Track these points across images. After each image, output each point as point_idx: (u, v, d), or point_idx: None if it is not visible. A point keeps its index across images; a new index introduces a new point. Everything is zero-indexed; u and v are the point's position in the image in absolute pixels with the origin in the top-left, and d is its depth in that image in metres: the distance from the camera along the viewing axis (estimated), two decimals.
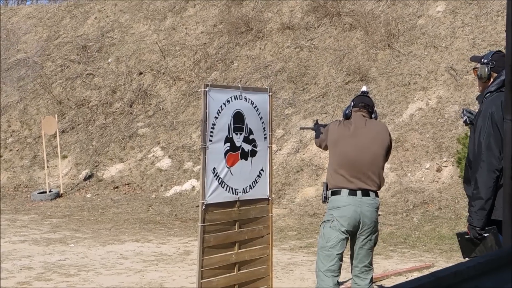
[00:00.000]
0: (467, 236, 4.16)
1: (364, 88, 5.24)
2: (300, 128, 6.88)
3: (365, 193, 4.78)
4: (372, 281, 4.99)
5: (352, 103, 5.06)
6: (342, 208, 4.76)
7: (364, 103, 5.03)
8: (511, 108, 2.11)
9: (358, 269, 4.90)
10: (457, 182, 10.67)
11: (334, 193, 4.83)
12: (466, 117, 4.39)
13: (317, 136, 5.34)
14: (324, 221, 4.89)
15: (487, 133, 4.04)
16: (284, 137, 13.36)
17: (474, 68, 4.52)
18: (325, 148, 5.15)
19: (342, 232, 4.76)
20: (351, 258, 4.96)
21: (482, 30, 13.45)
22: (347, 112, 5.05)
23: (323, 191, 4.97)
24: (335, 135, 4.93)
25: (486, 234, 4.06)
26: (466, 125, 4.48)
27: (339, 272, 4.85)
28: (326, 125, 5.44)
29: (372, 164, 4.82)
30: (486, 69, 4.29)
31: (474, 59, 4.55)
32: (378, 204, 4.87)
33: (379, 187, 4.89)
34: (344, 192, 4.77)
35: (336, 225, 4.76)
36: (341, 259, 4.84)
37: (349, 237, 4.86)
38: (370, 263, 4.95)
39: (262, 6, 16.98)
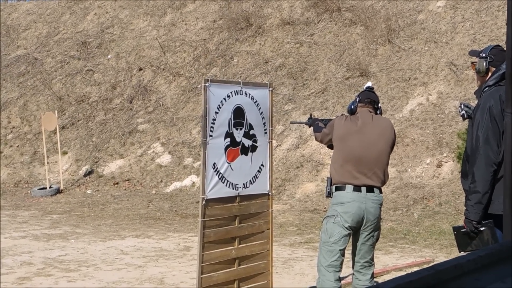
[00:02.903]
0: (463, 230, 4.15)
1: (369, 84, 5.19)
2: (291, 123, 6.76)
3: (370, 189, 4.77)
4: (373, 276, 5.00)
5: (357, 98, 5.03)
6: (346, 204, 4.74)
7: (370, 99, 5.00)
8: (511, 101, 2.10)
9: (360, 265, 4.91)
10: (457, 177, 10.66)
11: (338, 189, 4.81)
12: (463, 111, 4.39)
13: (317, 130, 5.23)
14: (327, 216, 4.87)
15: (486, 127, 4.04)
16: (284, 132, 13.35)
17: (472, 63, 4.51)
18: (327, 143, 5.08)
19: (346, 228, 4.76)
20: (353, 253, 4.95)
21: (483, 25, 13.43)
22: (352, 107, 5.02)
23: (327, 186, 4.92)
24: (341, 130, 4.88)
25: (482, 228, 4.05)
26: (463, 119, 4.48)
27: (341, 268, 4.85)
28: (323, 119, 5.40)
29: (378, 161, 4.82)
30: (484, 63, 4.28)
31: (473, 53, 4.55)
32: (382, 201, 4.87)
33: (384, 183, 4.89)
34: (349, 187, 4.75)
35: (339, 220, 4.75)
36: (343, 255, 4.84)
37: (352, 233, 4.85)
38: (372, 259, 4.96)
39: (262, 2, 16.95)
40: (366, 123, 4.88)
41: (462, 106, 4.44)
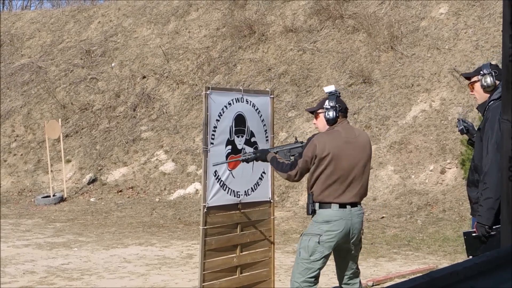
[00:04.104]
0: (474, 234, 4.29)
1: (333, 87, 4.77)
2: (214, 165, 5.30)
3: (353, 204, 4.65)
4: (360, 283, 4.94)
5: (337, 106, 4.64)
6: (333, 223, 4.57)
7: (347, 107, 4.81)
8: (509, 108, 2.10)
9: (347, 277, 4.80)
10: (461, 184, 10.63)
11: (323, 206, 4.60)
12: (462, 126, 4.66)
13: (286, 169, 4.66)
14: (310, 234, 4.63)
15: (496, 137, 4.23)
16: (287, 139, 13.34)
17: (471, 83, 4.62)
18: (306, 172, 4.67)
19: (331, 247, 4.61)
20: (339, 269, 4.84)
21: (485, 31, 13.42)
22: (335, 116, 4.64)
23: (309, 202, 4.64)
24: (327, 149, 4.56)
25: (493, 233, 4.21)
26: (462, 134, 4.76)
27: (315, 284, 4.72)
28: (278, 147, 5.01)
29: (363, 177, 4.68)
30: (491, 79, 4.46)
31: (468, 75, 4.76)
32: (363, 213, 4.78)
33: (364, 197, 4.81)
34: (335, 206, 4.58)
35: (324, 239, 4.57)
36: (319, 274, 4.70)
37: (336, 249, 4.72)
38: (357, 267, 4.88)
39: (265, 9, 16.98)
40: (350, 139, 4.65)
41: (460, 121, 4.70)
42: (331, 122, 4.66)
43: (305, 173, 4.67)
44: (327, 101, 4.70)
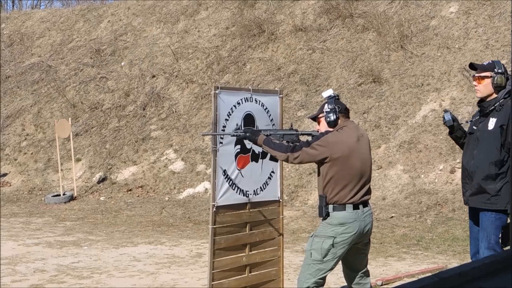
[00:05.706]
0: None
1: (331, 91, 4.80)
2: (203, 134, 5.44)
3: (365, 203, 4.70)
4: (370, 283, 4.95)
5: (336, 108, 4.67)
6: (347, 225, 4.59)
7: (347, 108, 4.83)
8: None
9: (359, 277, 4.84)
10: None
11: (337, 209, 4.61)
12: (450, 118, 4.99)
13: (280, 147, 4.68)
14: (322, 236, 4.64)
15: None
16: None
17: (480, 76, 4.72)
18: (308, 162, 4.76)
19: (344, 249, 4.63)
20: (349, 269, 4.85)
21: (496, 30, 13.36)
22: (335, 118, 4.67)
23: (322, 205, 4.64)
24: (345, 149, 4.59)
25: None
26: (448, 125, 5.11)
27: (323, 284, 4.74)
28: (263, 130, 5.00)
29: (370, 175, 4.76)
30: (503, 78, 4.67)
31: (480, 66, 4.88)
32: (372, 211, 4.84)
33: None
34: (349, 207, 4.59)
35: (338, 241, 4.59)
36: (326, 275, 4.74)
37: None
38: (366, 266, 4.91)
39: (274, 8, 16.98)
40: (360, 138, 4.69)
41: (449, 113, 5.05)
42: (332, 124, 4.69)
43: (305, 162, 4.78)
44: (326, 104, 4.73)
